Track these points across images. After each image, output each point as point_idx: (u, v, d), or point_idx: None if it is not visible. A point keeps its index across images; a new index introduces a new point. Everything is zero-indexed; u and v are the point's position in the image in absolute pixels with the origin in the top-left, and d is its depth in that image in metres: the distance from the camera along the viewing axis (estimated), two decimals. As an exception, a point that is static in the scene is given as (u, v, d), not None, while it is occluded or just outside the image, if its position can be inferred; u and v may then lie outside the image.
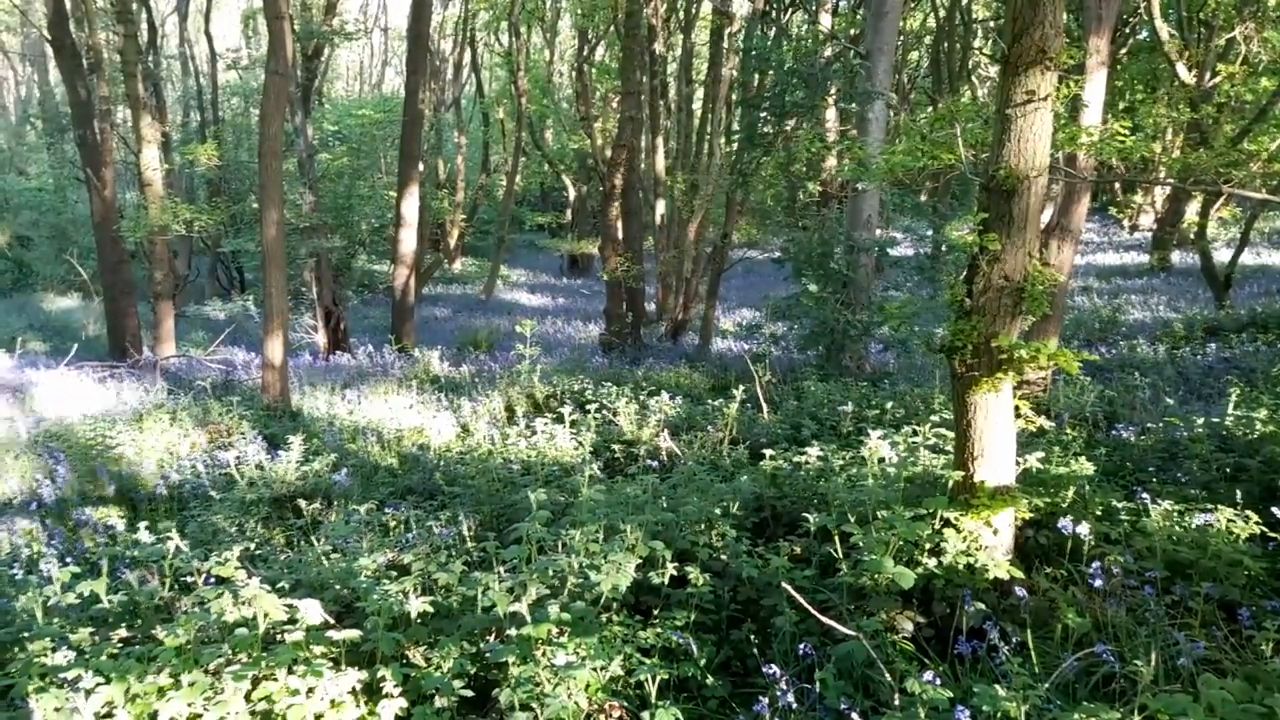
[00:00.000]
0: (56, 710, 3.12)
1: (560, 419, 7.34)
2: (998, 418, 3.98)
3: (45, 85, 34.11)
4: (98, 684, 3.19)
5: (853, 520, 3.97)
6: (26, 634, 3.64)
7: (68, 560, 5.06)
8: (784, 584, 3.65)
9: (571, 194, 28.79)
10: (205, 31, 24.29)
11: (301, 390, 10.52)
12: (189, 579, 4.47)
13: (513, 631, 3.45)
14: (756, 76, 15.59)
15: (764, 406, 8.20)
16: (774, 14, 17.46)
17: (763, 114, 13.87)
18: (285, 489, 6.58)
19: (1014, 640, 3.40)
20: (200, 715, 3.19)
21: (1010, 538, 4.17)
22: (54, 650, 3.41)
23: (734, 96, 17.13)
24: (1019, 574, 3.81)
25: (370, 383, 10.89)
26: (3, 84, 41.82)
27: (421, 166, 16.18)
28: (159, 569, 4.54)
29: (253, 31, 31.88)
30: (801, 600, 3.41)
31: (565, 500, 5.50)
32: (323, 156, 19.76)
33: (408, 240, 14.90)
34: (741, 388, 7.06)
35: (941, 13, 20.95)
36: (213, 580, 4.17)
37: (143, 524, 4.59)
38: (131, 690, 3.20)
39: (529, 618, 3.42)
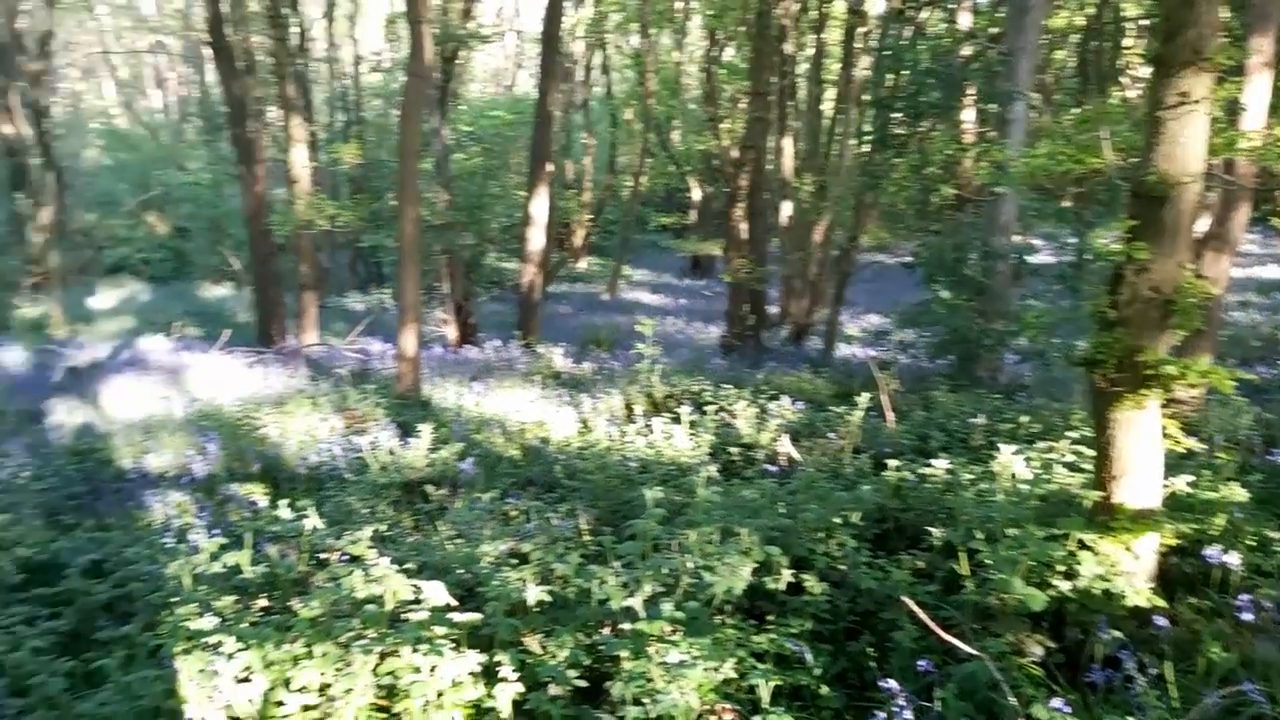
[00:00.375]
0: (199, 672, 3.32)
1: (678, 419, 7.35)
2: (1141, 437, 3.76)
3: (204, 86, 36.49)
4: (238, 649, 3.39)
5: (980, 537, 3.84)
6: (175, 599, 3.90)
7: (214, 532, 5.39)
8: (905, 598, 3.56)
9: (696, 195, 28.81)
10: (351, 35, 25.49)
11: (432, 381, 10.89)
12: (324, 555, 4.70)
13: (626, 626, 3.49)
14: (890, 76, 15.23)
15: (889, 415, 8.00)
16: (910, 12, 17.01)
17: (896, 114, 13.53)
18: (414, 474, 6.84)
19: (1152, 672, 3.22)
20: (330, 685, 3.35)
21: (1152, 564, 3.94)
22: (199, 615, 3.64)
23: (866, 97, 16.79)
24: (1160, 602, 3.60)
25: (496, 376, 11.19)
26: (166, 84, 44.93)
27: (550, 167, 16.50)
28: (297, 544, 4.79)
29: (394, 35, 33.20)
30: (923, 615, 3.32)
31: (681, 500, 5.52)
32: (457, 156, 20.41)
33: (536, 239, 15.23)
34: (866, 395, 6.91)
35: (1090, 10, 19.94)
36: (346, 558, 4.38)
37: (283, 501, 4.85)
38: (268, 657, 3.39)
39: (643, 614, 3.45)
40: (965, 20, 15.90)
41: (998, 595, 3.60)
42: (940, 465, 5.25)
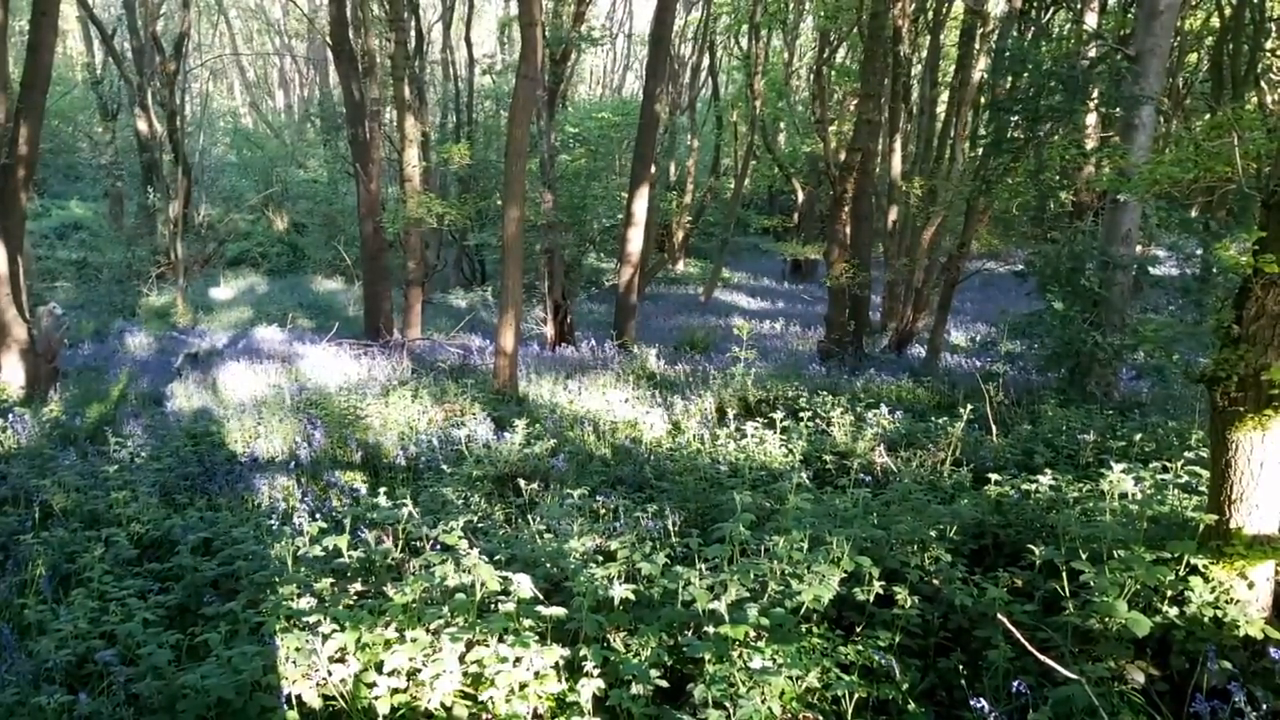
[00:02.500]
0: (297, 649, 3.44)
1: (771, 424, 7.28)
2: (1263, 459, 3.54)
3: (325, 87, 37.96)
4: (333, 630, 3.50)
5: (1084, 557, 3.66)
6: (277, 579, 4.06)
7: (316, 516, 5.60)
8: (1000, 616, 3.42)
9: (800, 197, 28.49)
10: (465, 38, 26.10)
11: (528, 378, 11.07)
12: (418, 543, 4.82)
13: (711, 629, 3.46)
14: (1009, 78, 14.72)
15: (993, 428, 7.74)
16: (1033, 12, 16.42)
17: (1013, 118, 13.06)
18: (508, 468, 6.96)
19: (1264, 707, 3.01)
20: (419, 670, 3.43)
21: (1268, 593, 3.70)
22: (299, 596, 3.77)
23: (983, 100, 16.28)
24: (1276, 634, 3.37)
25: (590, 375, 11.29)
26: (290, 85, 46.97)
27: (653, 168, 16.56)
28: (393, 532, 4.93)
29: (507, 38, 33.91)
30: (1019, 635, 3.18)
31: (771, 506, 5.45)
32: (562, 157, 20.68)
33: (635, 239, 15.31)
34: (969, 407, 6.70)
35: (1228, 10, 18.87)
36: (439, 547, 4.48)
37: (382, 490, 5.00)
38: (362, 639, 3.49)
39: (727, 617, 3.42)
40: (1091, 20, 15.26)
41: (1100, 618, 3.43)
42: (1045, 481, 5.04)
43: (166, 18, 27.84)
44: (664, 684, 3.36)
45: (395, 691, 3.38)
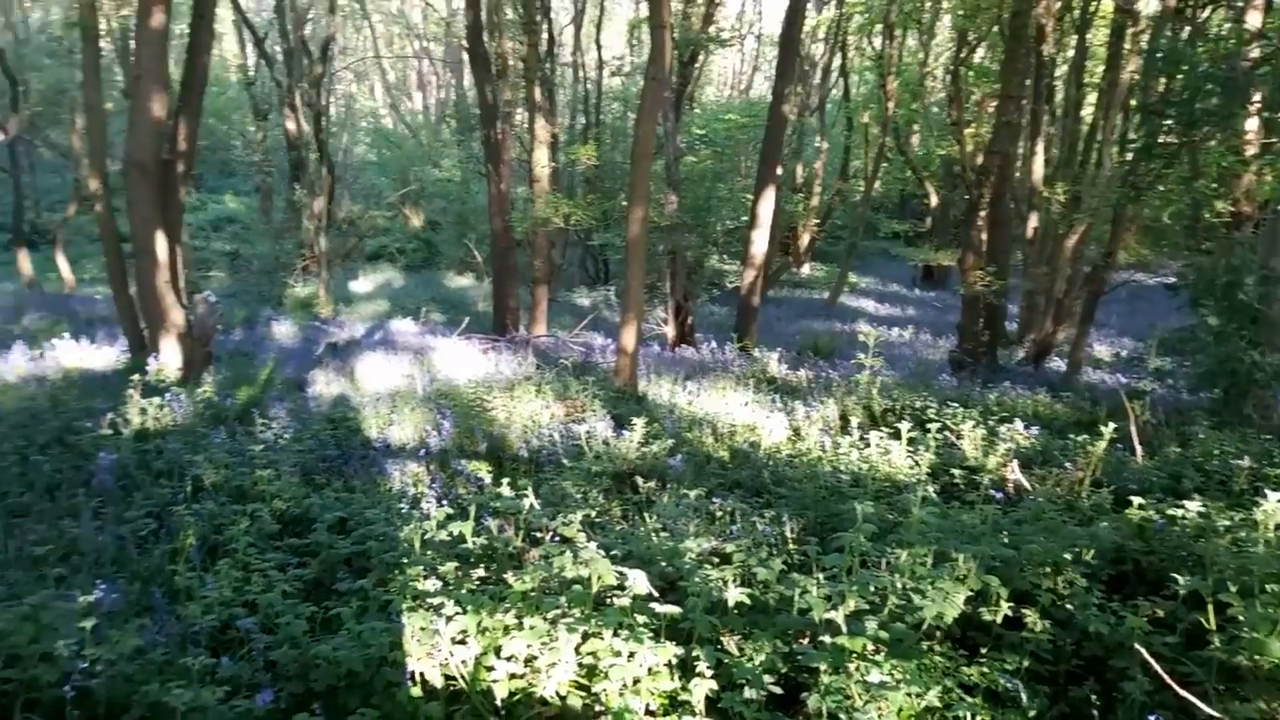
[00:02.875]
0: (422, 629, 3.56)
1: (897, 434, 7.08)
2: None
3: (460, 89, 39.23)
4: (456, 613, 3.61)
5: (1233, 590, 3.42)
6: (405, 560, 4.21)
7: (443, 502, 5.79)
8: (1138, 646, 3.23)
9: (933, 201, 27.66)
10: (596, 40, 26.47)
11: (648, 377, 11.13)
12: (538, 534, 4.92)
13: (827, 639, 3.40)
14: (1163, 80, 13.90)
15: (1138, 449, 7.32)
16: (1188, 10, 15.45)
17: (1166, 122, 12.33)
18: (625, 466, 7.02)
19: None
20: (535, 657, 3.50)
21: None
22: (425, 577, 3.91)
23: (1133, 102, 15.42)
24: None
25: (710, 377, 11.27)
26: (428, 87, 48.72)
27: (779, 170, 16.40)
28: (515, 521, 5.05)
29: (636, 40, 34.19)
30: (1158, 668, 3.00)
31: (894, 518, 5.32)
32: (688, 159, 20.72)
33: (759, 241, 15.19)
34: (1112, 425, 6.34)
35: None
36: (557, 538, 4.56)
37: (505, 480, 5.12)
38: (483, 623, 3.59)
39: (845, 628, 3.35)
40: (1254, 20, 14.23)
41: (1249, 656, 3.19)
42: (1193, 507, 4.73)
43: (314, 22, 29.31)
44: (777, 690, 3.32)
45: (513, 676, 3.46)
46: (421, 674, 3.50)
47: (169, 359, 9.76)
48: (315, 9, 28.38)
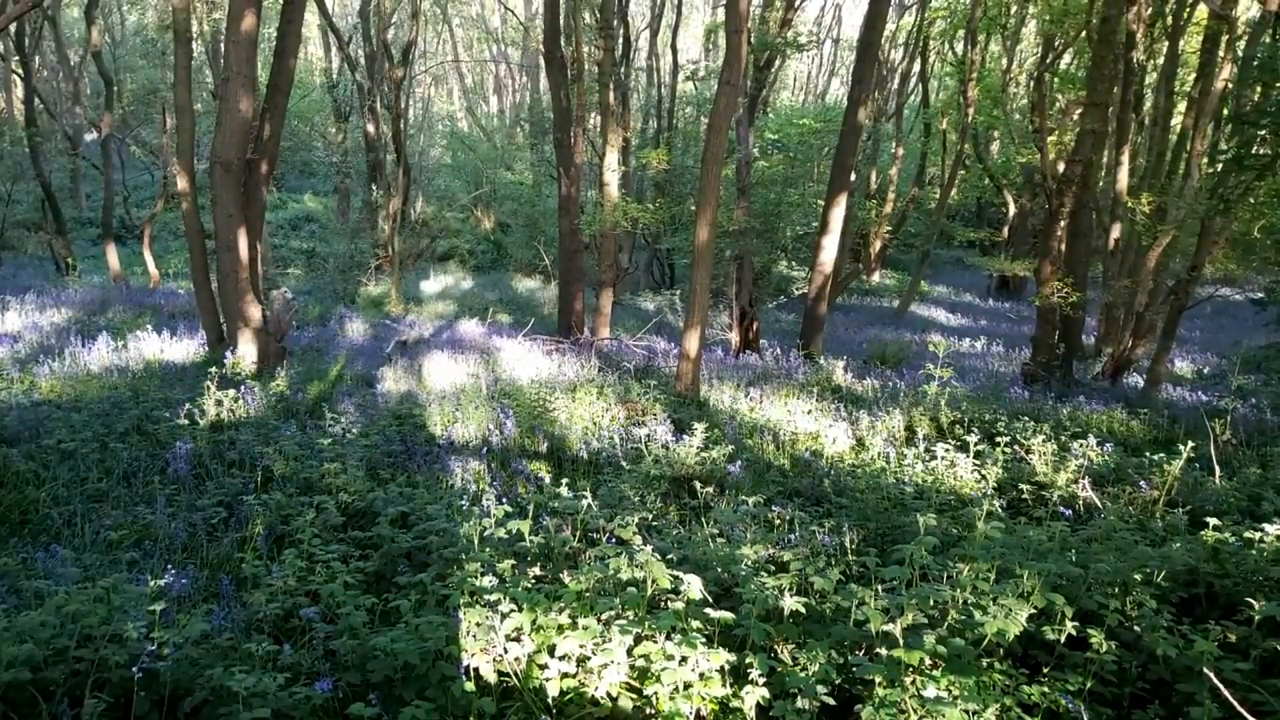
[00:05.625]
0: (478, 625, 3.60)
1: (964, 447, 6.93)
2: None
3: (535, 93, 39.69)
4: (511, 610, 3.64)
5: (1316, 618, 3.26)
6: (464, 556, 4.27)
7: (503, 500, 5.85)
8: (1208, 670, 3.10)
9: (1011, 210, 27.03)
10: (671, 45, 26.54)
11: (710, 383, 11.09)
12: (595, 535, 4.94)
13: (883, 651, 3.34)
14: (1258, 89, 13.35)
15: (1217, 469, 7.04)
16: (1290, 16, 14.80)
17: (1260, 132, 11.83)
18: (684, 470, 7.00)
19: None
20: (588, 657, 3.51)
21: None
22: (482, 574, 3.95)
23: (1225, 111, 14.85)
24: None
25: (773, 384, 11.18)
26: (504, 91, 49.39)
27: (853, 176, 16.19)
28: (573, 522, 5.07)
29: (712, 45, 34.19)
30: (1227, 694, 2.88)
31: (958, 533, 5.20)
32: (760, 164, 20.59)
33: (829, 248, 15.02)
34: (1190, 444, 6.11)
35: None
36: (614, 540, 4.57)
37: (564, 481, 5.16)
38: (538, 621, 3.61)
39: (902, 641, 3.29)
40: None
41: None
42: (1272, 531, 4.53)
43: (397, 26, 29.98)
44: (830, 701, 3.27)
45: (565, 676, 3.47)
46: (476, 669, 3.53)
47: (245, 353, 10.05)
48: (398, 14, 29.03)
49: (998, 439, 7.34)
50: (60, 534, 5.37)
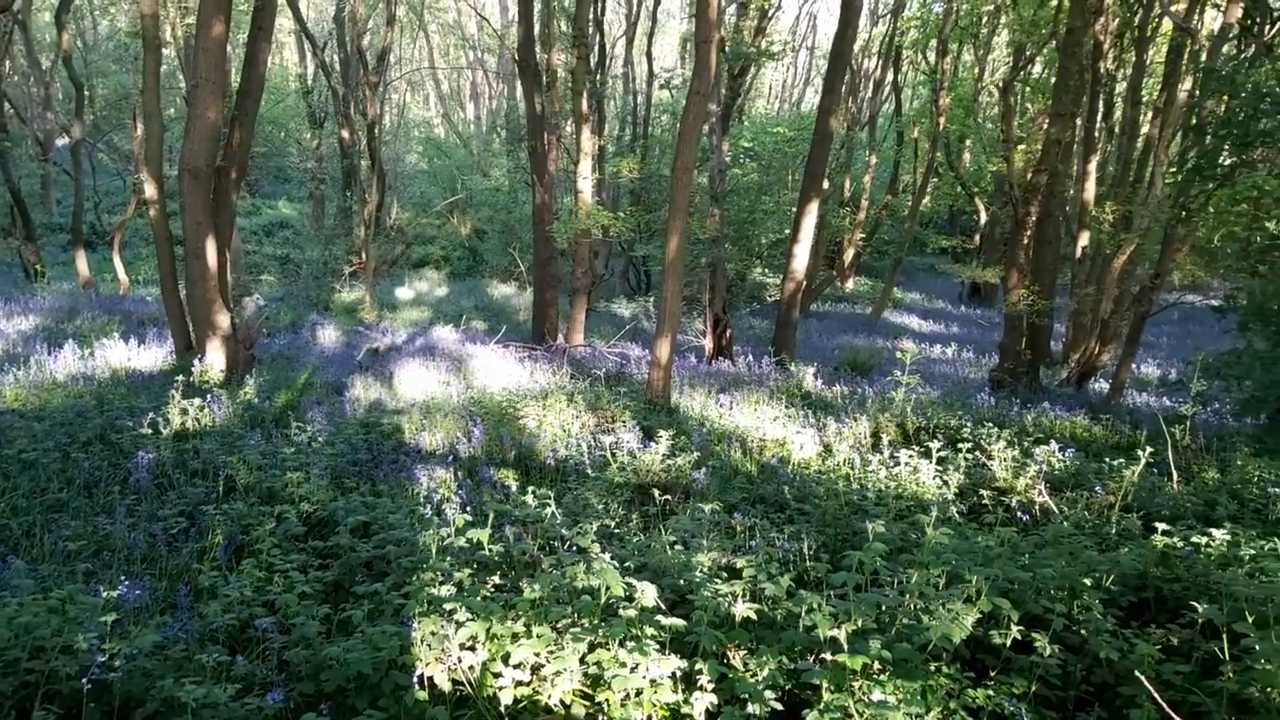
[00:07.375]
0: (432, 634, 3.62)
1: (928, 453, 7.02)
2: None
3: (512, 99, 39.73)
4: (467, 619, 3.66)
5: (1250, 619, 3.34)
6: (422, 565, 4.28)
7: (467, 508, 5.86)
8: (1141, 675, 3.18)
9: (983, 218, 27.34)
10: (647, 53, 26.62)
11: (681, 389, 11.14)
12: (555, 543, 4.96)
13: (829, 656, 3.39)
14: (1224, 100, 13.58)
15: (1174, 474, 7.17)
16: (1254, 28, 15.07)
17: (1224, 143, 12.04)
18: (650, 477, 7.04)
19: None
20: (542, 665, 3.54)
21: None
22: (440, 583, 3.97)
23: (1194, 121, 15.08)
24: None
25: (744, 390, 11.24)
26: (481, 98, 49.39)
27: (827, 184, 16.33)
28: (535, 530, 5.09)
29: (687, 53, 34.27)
30: (1158, 697, 2.95)
31: (915, 538, 5.27)
32: (734, 171, 20.71)
33: (801, 255, 15.14)
34: (1150, 450, 6.23)
35: None
36: (574, 548, 4.60)
37: (530, 489, 5.18)
38: (492, 630, 3.63)
39: (846, 646, 3.34)
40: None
41: (1260, 687, 3.12)
42: (1220, 535, 4.62)
43: (372, 32, 29.90)
44: (779, 707, 3.31)
45: (519, 684, 3.49)
46: (430, 678, 3.55)
47: (213, 360, 10.00)
48: (374, 20, 28.97)
49: (960, 444, 7.44)
50: (19, 545, 5.33)
